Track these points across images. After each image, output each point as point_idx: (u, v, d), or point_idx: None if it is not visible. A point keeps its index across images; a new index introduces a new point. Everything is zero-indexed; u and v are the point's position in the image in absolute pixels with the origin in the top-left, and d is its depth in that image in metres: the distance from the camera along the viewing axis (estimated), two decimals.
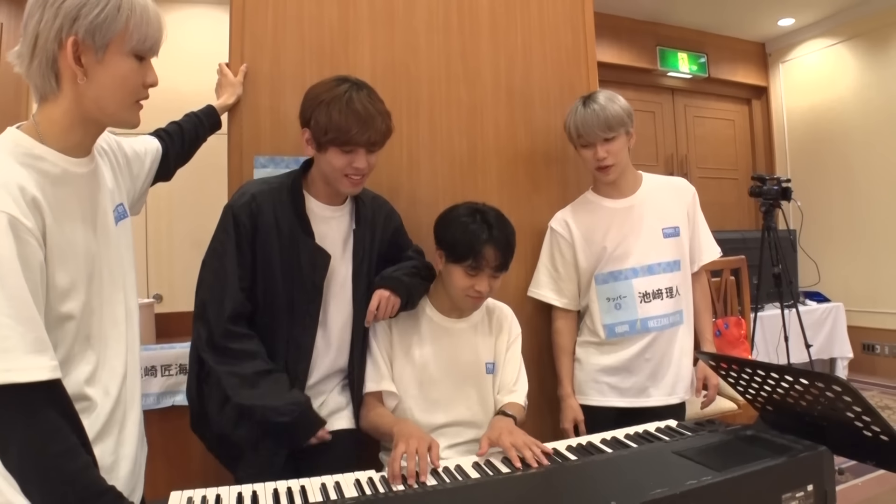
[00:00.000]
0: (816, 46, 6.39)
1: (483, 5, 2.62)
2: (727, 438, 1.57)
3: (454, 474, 1.55)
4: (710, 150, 6.65)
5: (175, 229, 4.42)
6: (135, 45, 1.28)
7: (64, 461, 1.14)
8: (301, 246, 1.90)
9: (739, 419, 3.02)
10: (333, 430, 1.96)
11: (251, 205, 1.86)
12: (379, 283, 1.99)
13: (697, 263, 2.46)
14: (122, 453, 1.42)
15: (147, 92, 1.37)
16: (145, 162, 1.78)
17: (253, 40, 2.31)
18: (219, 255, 1.87)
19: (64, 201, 1.29)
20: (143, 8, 1.28)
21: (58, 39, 1.23)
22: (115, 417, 1.40)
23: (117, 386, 1.41)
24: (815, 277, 5.06)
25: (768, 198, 4.22)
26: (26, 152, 1.25)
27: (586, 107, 2.30)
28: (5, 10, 4.42)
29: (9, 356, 1.10)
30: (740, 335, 3.47)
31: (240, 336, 1.84)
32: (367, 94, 1.86)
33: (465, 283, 1.97)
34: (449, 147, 2.53)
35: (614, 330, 2.34)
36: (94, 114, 1.31)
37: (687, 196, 2.44)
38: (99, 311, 1.38)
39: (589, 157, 2.33)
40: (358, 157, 1.85)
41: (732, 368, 1.66)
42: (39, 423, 1.13)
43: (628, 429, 1.80)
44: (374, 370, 2.05)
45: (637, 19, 6.11)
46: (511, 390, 2.11)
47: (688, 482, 1.27)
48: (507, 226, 2.01)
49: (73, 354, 1.31)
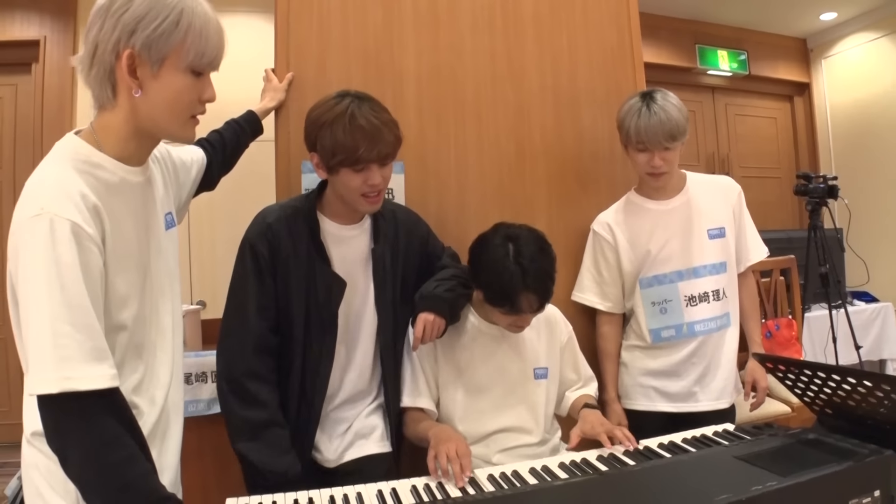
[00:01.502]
0: (859, 41, 6.26)
1: (527, 5, 2.60)
2: (788, 442, 1.55)
3: (512, 480, 1.54)
4: (752, 148, 6.55)
5: (217, 236, 4.45)
6: (191, 61, 1.28)
7: (124, 468, 1.15)
8: (318, 273, 1.87)
9: (793, 422, 2.97)
10: (361, 455, 1.92)
11: (267, 234, 1.84)
12: (421, 306, 1.92)
13: (744, 264, 2.40)
14: (164, 462, 1.43)
15: (203, 107, 1.38)
16: (192, 171, 1.79)
17: (298, 46, 2.33)
18: (240, 289, 1.86)
19: (120, 209, 1.30)
20: (203, 23, 1.27)
21: (115, 51, 1.23)
22: (159, 427, 1.42)
23: (163, 395, 1.43)
24: (863, 277, 4.96)
25: (814, 196, 4.15)
26: (85, 160, 1.26)
27: (650, 110, 2.19)
28: (48, 24, 4.50)
29: (68, 364, 1.11)
30: (791, 336, 3.41)
31: (257, 377, 1.81)
32: (371, 107, 1.78)
33: (507, 321, 1.93)
34: (496, 149, 2.51)
35: (660, 334, 2.31)
36: (148, 126, 1.32)
37: (732, 195, 2.39)
38: (149, 321, 1.40)
39: (642, 162, 2.26)
40: (371, 173, 1.77)
41: (791, 371, 1.63)
42: (99, 431, 1.14)
43: (685, 433, 1.78)
44: (412, 385, 2.03)
45: (676, 17, 6.04)
46: (581, 387, 2.14)
47: (753, 488, 1.25)
48: (543, 262, 1.89)
49: (125, 363, 1.32)
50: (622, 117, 2.28)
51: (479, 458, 1.95)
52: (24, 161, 4.47)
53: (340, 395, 1.96)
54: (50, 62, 4.47)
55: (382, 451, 1.96)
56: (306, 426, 1.88)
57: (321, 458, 1.92)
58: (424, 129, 2.43)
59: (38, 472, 1.20)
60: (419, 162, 2.41)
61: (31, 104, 4.50)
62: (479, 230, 2.04)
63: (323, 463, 1.92)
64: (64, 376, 1.10)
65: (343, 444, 1.93)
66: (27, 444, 1.27)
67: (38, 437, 1.18)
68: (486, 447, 1.99)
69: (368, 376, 2.01)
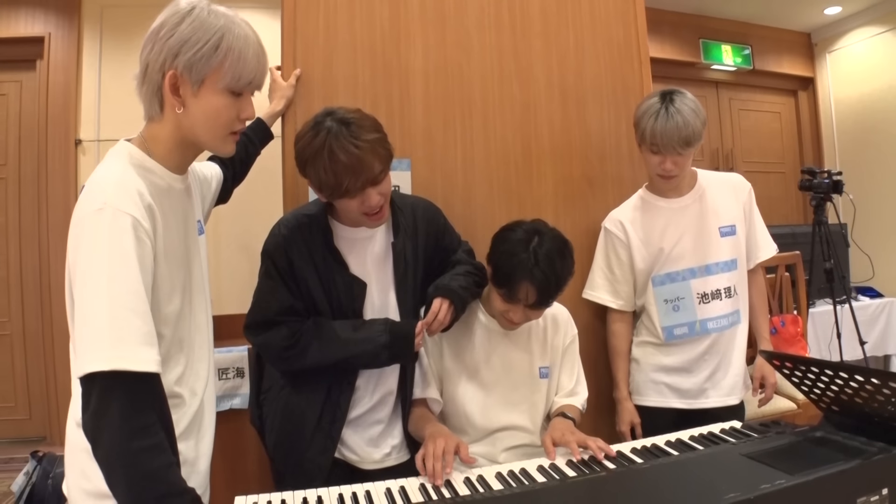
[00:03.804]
0: (864, 35, 6.23)
1: (534, 2, 2.60)
2: (796, 440, 1.55)
3: (520, 478, 1.55)
4: (756, 143, 6.53)
5: (222, 231, 4.46)
6: (228, 83, 1.37)
7: (151, 456, 1.18)
8: (337, 277, 1.88)
9: (800, 419, 2.97)
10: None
11: (284, 246, 1.86)
12: (434, 293, 1.91)
13: (754, 261, 2.41)
14: (201, 450, 1.52)
15: (243, 124, 1.47)
16: (212, 185, 1.89)
17: (305, 43, 2.33)
18: (265, 288, 1.90)
19: (167, 212, 1.39)
20: (241, 48, 1.36)
21: (161, 71, 1.34)
22: (197, 417, 1.49)
23: (202, 388, 1.52)
24: (868, 272, 4.96)
25: (819, 191, 4.16)
26: (140, 164, 1.38)
27: (668, 113, 2.16)
28: (53, 21, 4.50)
29: (122, 345, 1.18)
30: (797, 333, 3.41)
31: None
32: (349, 133, 1.69)
33: (501, 308, 1.93)
34: (503, 146, 2.52)
35: (673, 332, 2.31)
36: (190, 139, 1.42)
37: (743, 193, 2.39)
38: (189, 317, 1.49)
39: (654, 163, 2.25)
40: (366, 196, 1.75)
41: (797, 368, 1.63)
42: (135, 415, 1.19)
43: (692, 430, 1.78)
44: (422, 377, 2.04)
45: (680, 12, 6.02)
46: (571, 393, 2.09)
47: (761, 486, 1.25)
48: (557, 263, 1.87)
49: (170, 356, 1.40)
50: (639, 116, 2.26)
51: (485, 456, 1.95)
52: (28, 157, 4.47)
53: (363, 403, 1.96)
54: (54, 59, 4.47)
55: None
56: (330, 428, 1.89)
57: (356, 460, 1.94)
58: (431, 126, 2.44)
59: (86, 453, 1.22)
60: (426, 159, 2.42)
61: (35, 101, 4.50)
62: (485, 228, 2.04)
63: (358, 464, 1.94)
64: (118, 355, 1.17)
65: (381, 450, 1.97)
66: (76, 426, 1.30)
67: None
68: (492, 445, 2.00)
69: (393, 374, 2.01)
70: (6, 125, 4.54)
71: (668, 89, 2.24)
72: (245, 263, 4.26)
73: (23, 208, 4.46)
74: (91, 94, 4.52)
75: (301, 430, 1.87)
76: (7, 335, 4.47)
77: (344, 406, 1.89)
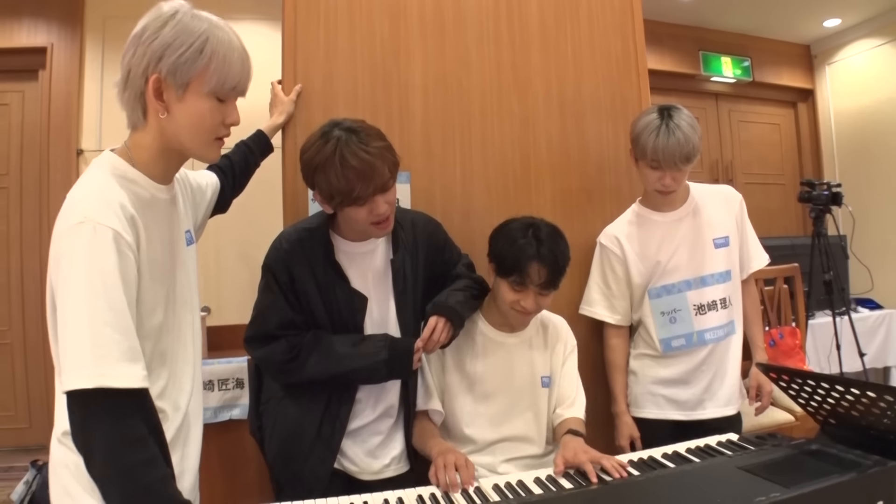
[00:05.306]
0: (864, 47, 6.25)
1: (532, 16, 2.62)
2: (792, 453, 1.56)
3: (517, 490, 1.55)
4: (756, 155, 6.54)
5: (222, 242, 4.46)
6: (213, 87, 1.34)
7: (144, 470, 1.18)
8: (338, 290, 1.89)
9: (797, 431, 2.97)
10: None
11: (285, 260, 1.87)
12: (431, 311, 1.91)
13: (746, 271, 2.42)
14: (186, 466, 1.48)
15: (228, 130, 1.44)
16: (207, 194, 1.87)
17: (305, 57, 2.34)
18: (266, 302, 1.90)
19: (151, 223, 1.37)
20: (226, 52, 1.33)
21: (144, 76, 1.31)
22: (181, 432, 1.46)
23: (185, 402, 1.48)
24: (867, 284, 4.96)
25: (818, 203, 4.16)
26: (122, 175, 1.35)
27: (669, 129, 2.17)
28: (55, 31, 4.51)
29: (104, 362, 1.16)
30: (795, 345, 3.41)
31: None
32: (360, 140, 1.72)
33: (512, 298, 1.95)
34: (501, 159, 2.53)
35: (671, 344, 2.32)
36: (174, 146, 1.39)
37: (734, 204, 2.41)
38: (172, 330, 1.45)
39: (652, 179, 2.26)
40: (375, 204, 1.76)
41: (794, 381, 1.64)
42: (125, 430, 1.18)
43: (689, 443, 1.79)
44: (423, 389, 2.05)
45: (679, 24, 6.04)
46: (571, 404, 2.09)
47: (757, 499, 1.26)
48: (559, 243, 1.95)
49: (151, 370, 1.35)
50: (638, 132, 2.26)
51: (485, 467, 1.96)
52: (30, 167, 4.47)
53: (365, 416, 1.97)
54: (57, 69, 4.48)
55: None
56: (329, 439, 1.89)
57: (356, 471, 1.95)
58: (430, 139, 2.45)
59: (67, 470, 1.23)
60: (425, 172, 2.43)
61: (37, 111, 4.51)
62: (484, 240, 2.05)
63: (357, 475, 1.95)
64: (100, 373, 1.15)
65: (381, 461, 1.97)
66: (58, 443, 1.30)
67: (69, 436, 1.21)
68: (492, 455, 2.01)
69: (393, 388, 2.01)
70: (8, 135, 4.55)
71: (665, 105, 2.25)
72: (245, 274, 4.27)
73: (24, 217, 4.46)
74: (93, 104, 4.53)
75: (300, 441, 1.88)
76: (7, 343, 4.47)
77: (344, 418, 1.90)
